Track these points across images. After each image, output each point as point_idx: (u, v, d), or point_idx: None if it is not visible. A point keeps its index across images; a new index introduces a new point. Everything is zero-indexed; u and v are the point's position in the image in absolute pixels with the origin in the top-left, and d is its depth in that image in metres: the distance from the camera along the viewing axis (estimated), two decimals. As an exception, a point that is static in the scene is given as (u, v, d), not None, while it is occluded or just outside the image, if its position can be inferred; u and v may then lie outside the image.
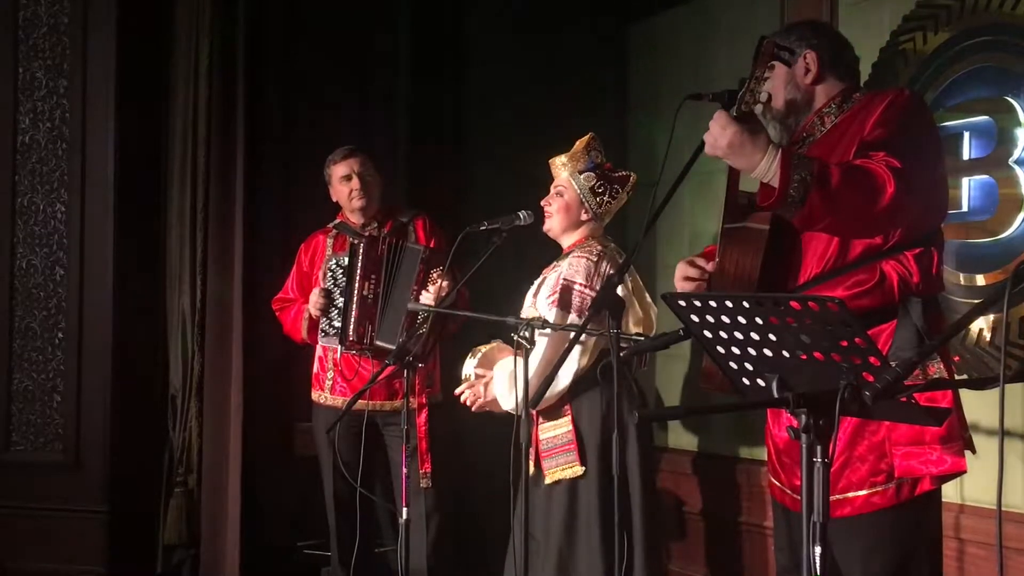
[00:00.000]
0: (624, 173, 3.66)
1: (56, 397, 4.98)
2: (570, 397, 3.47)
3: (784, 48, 2.56)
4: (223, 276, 4.79)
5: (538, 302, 3.54)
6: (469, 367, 3.64)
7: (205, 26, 4.81)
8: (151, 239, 5.02)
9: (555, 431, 3.49)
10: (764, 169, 2.34)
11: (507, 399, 3.50)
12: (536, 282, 3.64)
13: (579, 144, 3.62)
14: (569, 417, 3.47)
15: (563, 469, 3.46)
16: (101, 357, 4.91)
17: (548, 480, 3.48)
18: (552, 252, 3.70)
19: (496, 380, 3.53)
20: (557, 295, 3.45)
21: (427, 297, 3.93)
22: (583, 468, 3.44)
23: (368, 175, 4.28)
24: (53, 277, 5.00)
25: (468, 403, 3.62)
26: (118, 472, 4.89)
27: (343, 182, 4.27)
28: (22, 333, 5.01)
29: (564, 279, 3.47)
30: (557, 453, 3.48)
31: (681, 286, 2.65)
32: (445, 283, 3.89)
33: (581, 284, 3.45)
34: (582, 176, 3.58)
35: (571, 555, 3.45)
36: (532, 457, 3.44)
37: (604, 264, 3.50)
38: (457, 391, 3.65)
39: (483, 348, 3.66)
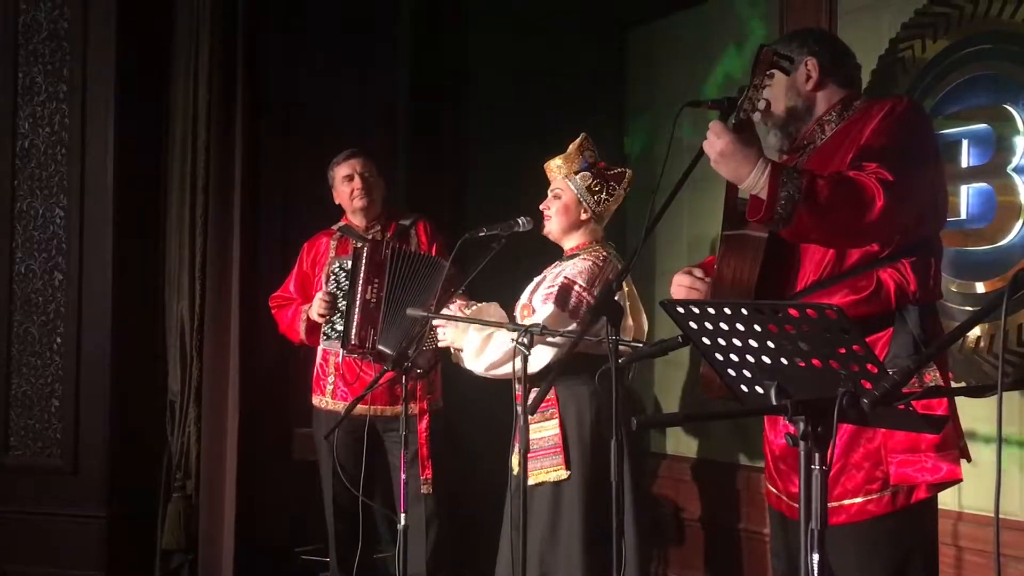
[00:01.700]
0: (620, 170, 3.66)
1: (54, 402, 4.97)
2: (558, 399, 3.47)
3: (783, 56, 2.56)
4: (222, 281, 4.79)
5: (534, 297, 3.54)
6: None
7: (204, 31, 4.81)
8: (150, 244, 5.02)
9: (541, 432, 3.47)
10: (753, 182, 2.34)
11: (470, 360, 3.53)
12: (535, 279, 3.64)
13: (572, 146, 3.62)
14: (557, 420, 3.46)
15: (547, 471, 3.45)
16: (100, 362, 4.90)
17: (531, 481, 3.47)
18: (552, 256, 3.70)
19: (469, 338, 3.53)
20: (555, 291, 3.44)
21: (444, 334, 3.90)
22: (568, 472, 3.43)
23: (369, 176, 4.29)
24: (52, 282, 5.00)
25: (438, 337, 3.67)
26: (116, 477, 4.89)
27: (345, 183, 4.28)
28: (21, 338, 5.01)
29: (566, 277, 3.47)
30: (542, 455, 3.46)
31: (677, 295, 2.65)
32: (461, 303, 3.86)
33: (581, 286, 3.44)
34: (578, 176, 3.59)
35: (551, 558, 3.44)
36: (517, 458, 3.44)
37: (608, 271, 3.50)
38: (436, 322, 3.65)
39: (481, 304, 3.66)
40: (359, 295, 4.11)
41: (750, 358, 1.93)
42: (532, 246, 3.71)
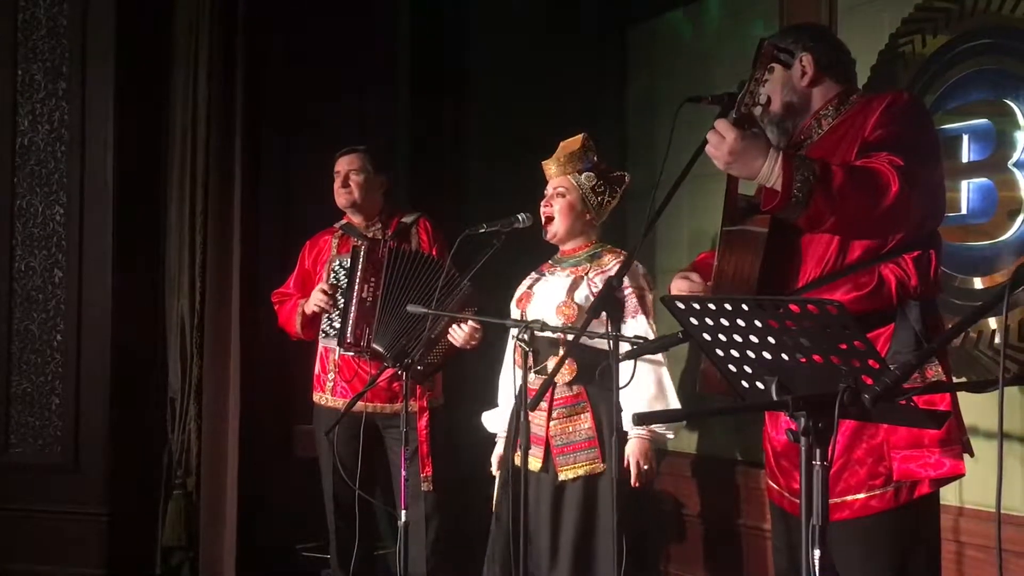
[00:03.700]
0: (619, 173, 3.66)
1: (55, 399, 4.97)
2: (588, 394, 3.49)
3: (783, 50, 2.56)
4: (222, 278, 4.79)
5: (576, 294, 3.50)
6: None
7: (204, 28, 4.81)
8: (150, 241, 5.02)
9: (573, 427, 3.48)
10: (766, 173, 2.34)
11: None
12: (547, 281, 3.61)
13: (574, 144, 3.59)
14: (590, 413, 3.47)
15: (583, 466, 3.46)
16: (100, 359, 4.90)
17: (563, 476, 3.47)
18: (552, 252, 3.69)
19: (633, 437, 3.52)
20: (634, 302, 3.50)
21: (458, 334, 3.90)
22: (604, 465, 3.44)
23: (356, 173, 4.24)
24: (52, 279, 5.00)
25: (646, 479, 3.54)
26: (117, 474, 4.89)
27: (335, 181, 4.28)
28: (21, 335, 5.01)
29: (631, 287, 3.51)
30: (576, 449, 3.47)
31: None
32: (474, 324, 3.85)
33: (644, 287, 3.56)
34: (583, 176, 3.57)
35: (589, 552, 3.45)
36: (528, 453, 3.43)
37: (637, 264, 3.54)
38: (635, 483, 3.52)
39: None
40: (356, 293, 4.10)
41: (751, 354, 1.93)
42: (531, 243, 3.70)
